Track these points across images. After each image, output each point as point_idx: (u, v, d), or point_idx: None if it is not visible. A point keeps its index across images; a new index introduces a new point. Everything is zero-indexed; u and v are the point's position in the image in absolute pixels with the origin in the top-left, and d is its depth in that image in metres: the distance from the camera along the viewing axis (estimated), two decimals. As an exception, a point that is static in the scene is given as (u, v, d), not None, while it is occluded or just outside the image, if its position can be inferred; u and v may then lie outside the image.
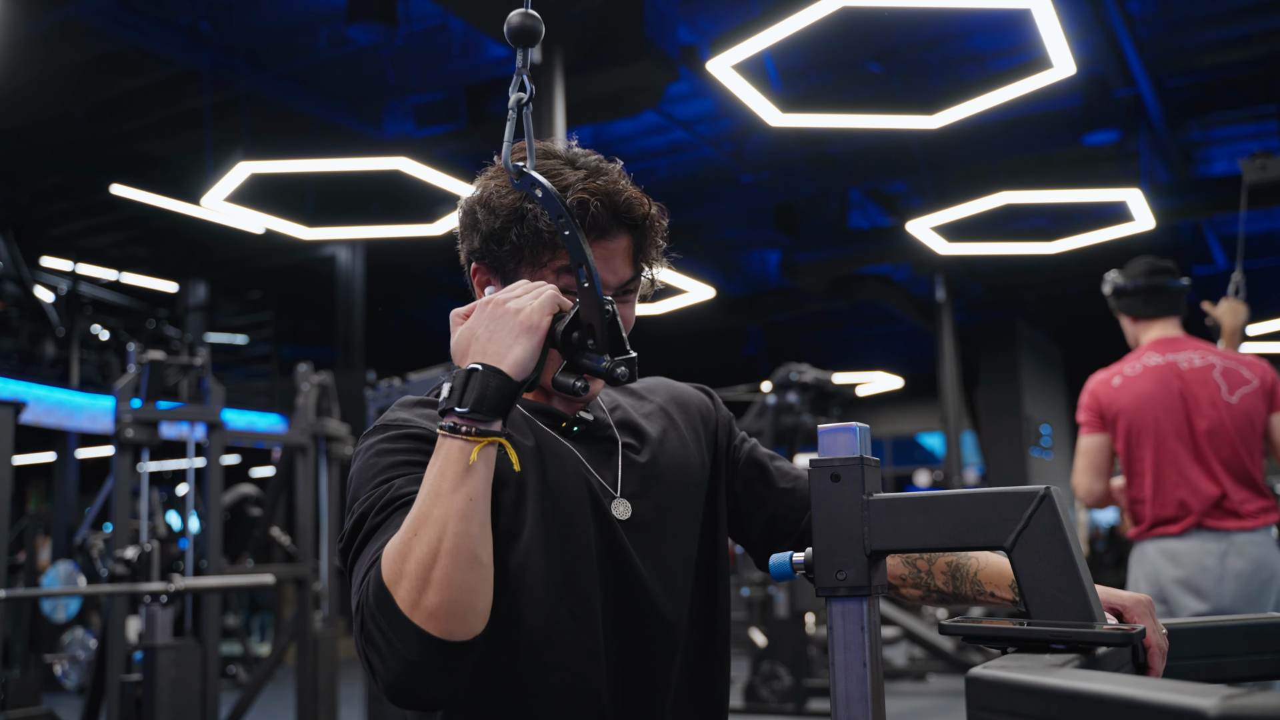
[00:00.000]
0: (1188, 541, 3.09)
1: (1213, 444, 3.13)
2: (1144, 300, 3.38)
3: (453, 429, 1.05)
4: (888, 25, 7.40)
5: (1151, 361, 3.29)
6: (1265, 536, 3.09)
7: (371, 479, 1.17)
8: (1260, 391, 3.16)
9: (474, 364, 1.07)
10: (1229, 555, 3.05)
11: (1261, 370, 3.20)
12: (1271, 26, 7.75)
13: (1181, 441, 3.17)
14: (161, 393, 4.74)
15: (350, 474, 1.22)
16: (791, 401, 6.68)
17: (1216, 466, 3.11)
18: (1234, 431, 3.12)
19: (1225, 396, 3.15)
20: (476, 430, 1.04)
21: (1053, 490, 0.91)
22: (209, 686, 4.36)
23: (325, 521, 5.46)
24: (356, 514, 1.15)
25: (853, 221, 11.55)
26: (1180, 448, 3.16)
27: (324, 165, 7.71)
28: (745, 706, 6.51)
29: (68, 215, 11.30)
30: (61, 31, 7.25)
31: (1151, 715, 0.63)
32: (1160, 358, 3.28)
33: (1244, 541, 3.06)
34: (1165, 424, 3.19)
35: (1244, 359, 3.24)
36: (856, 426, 0.96)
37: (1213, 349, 3.30)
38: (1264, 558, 3.06)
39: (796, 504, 1.36)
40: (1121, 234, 9.23)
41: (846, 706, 0.94)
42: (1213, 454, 3.12)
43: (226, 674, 8.49)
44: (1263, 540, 3.08)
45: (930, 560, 1.31)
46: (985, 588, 1.26)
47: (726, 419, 1.43)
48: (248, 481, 8.45)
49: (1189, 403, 3.18)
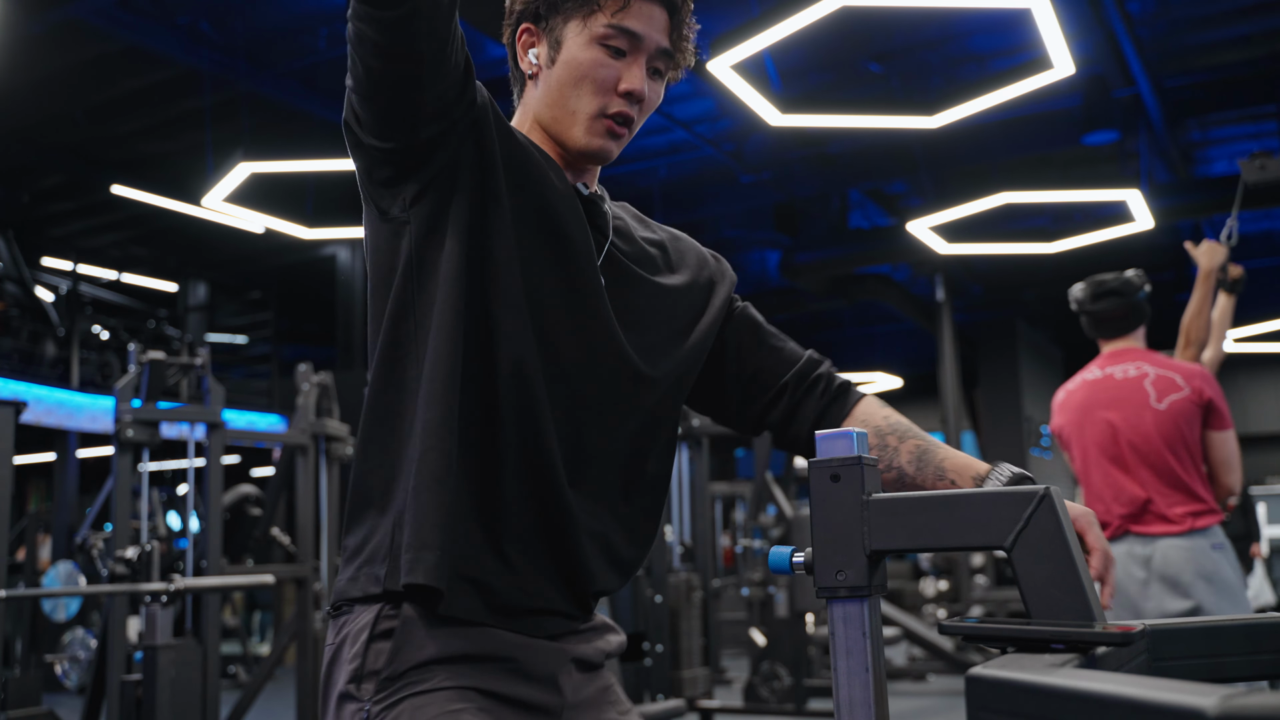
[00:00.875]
0: (1117, 548, 3.11)
1: (1139, 451, 3.16)
2: (1090, 323, 3.43)
3: None
4: (888, 25, 7.40)
5: (1091, 375, 3.37)
6: (1194, 540, 3.08)
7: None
8: (1192, 400, 3.16)
9: None
10: (1154, 560, 3.08)
11: (1200, 381, 3.19)
12: (1271, 26, 7.75)
13: (1106, 451, 3.23)
14: (161, 393, 4.74)
15: None
16: (791, 401, 6.67)
17: (1144, 473, 3.14)
18: (1160, 438, 3.15)
19: (1154, 404, 3.18)
20: None
21: (1052, 490, 0.91)
22: (209, 686, 4.36)
23: (325, 521, 5.46)
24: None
25: (853, 221, 11.55)
26: (1104, 457, 3.23)
27: (324, 165, 7.70)
28: (745, 706, 6.51)
29: (68, 215, 11.30)
30: (61, 31, 7.25)
31: (1151, 715, 0.63)
32: (1100, 371, 3.35)
33: (1168, 546, 3.07)
34: (1091, 434, 3.27)
35: (1182, 368, 3.24)
36: (854, 431, 0.97)
37: (1156, 360, 3.30)
38: (1189, 561, 3.05)
39: (781, 361, 1.42)
40: (1121, 234, 9.24)
41: (850, 711, 0.94)
42: (1139, 461, 3.15)
43: (226, 674, 8.50)
44: (1190, 544, 3.07)
45: (902, 438, 1.35)
46: (948, 474, 1.30)
47: (732, 278, 1.46)
48: (248, 481, 8.45)
49: (1118, 412, 3.23)
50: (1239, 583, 3.11)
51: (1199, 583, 3.05)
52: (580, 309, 1.25)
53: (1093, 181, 9.25)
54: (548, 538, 1.23)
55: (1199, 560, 3.06)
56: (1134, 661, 0.98)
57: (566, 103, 1.28)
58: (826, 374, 1.44)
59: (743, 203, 10.90)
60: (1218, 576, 3.06)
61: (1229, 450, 3.19)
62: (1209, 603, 3.02)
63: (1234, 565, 3.13)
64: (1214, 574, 3.06)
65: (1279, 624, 1.08)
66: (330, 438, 5.47)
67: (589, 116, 1.27)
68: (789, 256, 11.14)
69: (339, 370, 9.24)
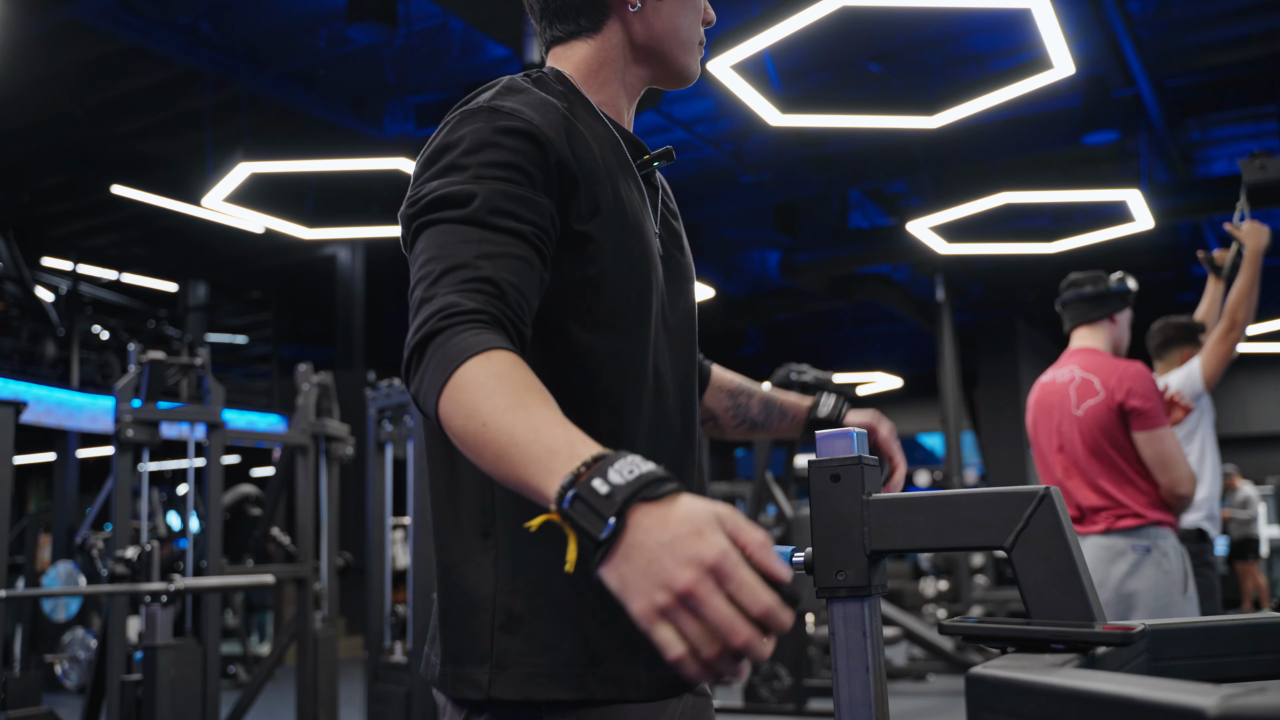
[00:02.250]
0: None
1: (1067, 456, 3.20)
2: (1063, 317, 3.45)
3: (571, 496, 0.85)
4: (888, 25, 7.40)
5: (1044, 379, 3.38)
6: (1105, 539, 3.07)
7: (475, 153, 1.11)
8: (1107, 405, 3.11)
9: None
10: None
11: (1115, 382, 3.12)
12: (1271, 26, 7.75)
13: (1043, 455, 3.30)
14: (161, 393, 4.74)
15: (437, 140, 1.16)
16: (791, 401, 6.67)
17: (1075, 476, 3.17)
18: (1081, 443, 3.15)
19: (1074, 410, 3.18)
20: (582, 516, 0.84)
21: (1052, 490, 0.91)
22: (209, 686, 4.36)
23: (325, 521, 5.46)
24: (447, 188, 1.10)
25: (853, 221, 11.55)
26: (1043, 461, 3.31)
27: (324, 165, 7.71)
28: (745, 706, 6.51)
29: (68, 215, 11.30)
30: (61, 31, 7.25)
31: (1151, 715, 0.63)
32: (1050, 374, 3.36)
33: (1085, 546, 3.11)
34: (1037, 439, 3.33)
35: (1106, 371, 3.17)
36: (854, 431, 0.97)
37: (1090, 362, 3.24)
38: (1096, 560, 3.04)
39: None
40: (1121, 234, 9.24)
41: (850, 711, 0.94)
42: (1070, 464, 3.19)
43: (226, 674, 8.50)
44: (1097, 543, 3.07)
45: (750, 395, 1.53)
46: (787, 411, 1.53)
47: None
48: (248, 481, 8.45)
49: (1050, 417, 3.27)
50: (1162, 589, 3.01)
51: (1107, 586, 3.03)
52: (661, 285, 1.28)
53: (1093, 181, 9.25)
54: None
55: (1103, 562, 3.04)
56: (1134, 661, 0.98)
57: (679, 32, 1.32)
58: None
59: (743, 203, 10.89)
60: (1119, 580, 3.02)
61: (1157, 449, 3.06)
62: (1111, 609, 3.01)
63: (1165, 570, 3.02)
64: (1119, 577, 3.03)
65: (1279, 624, 1.08)
66: (330, 438, 5.47)
67: (697, 42, 1.35)
68: (789, 256, 11.14)
69: (339, 370, 9.23)
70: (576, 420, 0.95)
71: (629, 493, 0.82)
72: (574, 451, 0.87)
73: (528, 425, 0.91)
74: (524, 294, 1.05)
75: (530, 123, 1.13)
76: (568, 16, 1.28)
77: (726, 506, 0.84)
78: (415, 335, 1.00)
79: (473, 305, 1.00)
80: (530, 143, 1.12)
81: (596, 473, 0.84)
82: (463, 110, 1.17)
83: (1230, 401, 15.59)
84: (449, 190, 1.09)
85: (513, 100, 1.16)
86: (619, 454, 0.86)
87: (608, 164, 1.20)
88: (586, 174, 1.16)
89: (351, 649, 9.97)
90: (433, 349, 0.98)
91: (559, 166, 1.14)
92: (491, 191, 1.08)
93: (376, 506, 5.44)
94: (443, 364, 0.96)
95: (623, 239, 1.18)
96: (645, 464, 0.85)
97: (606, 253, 1.17)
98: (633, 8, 1.27)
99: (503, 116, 1.13)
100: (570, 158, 1.15)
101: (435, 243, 1.07)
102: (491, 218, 1.07)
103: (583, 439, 0.90)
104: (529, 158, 1.12)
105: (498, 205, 1.08)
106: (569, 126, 1.17)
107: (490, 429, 0.92)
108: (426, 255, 1.06)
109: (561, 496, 0.85)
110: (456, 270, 1.03)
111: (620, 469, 0.84)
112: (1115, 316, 3.33)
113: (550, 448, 0.88)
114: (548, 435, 0.90)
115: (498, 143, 1.11)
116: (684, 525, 0.81)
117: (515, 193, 1.09)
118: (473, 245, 1.05)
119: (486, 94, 1.18)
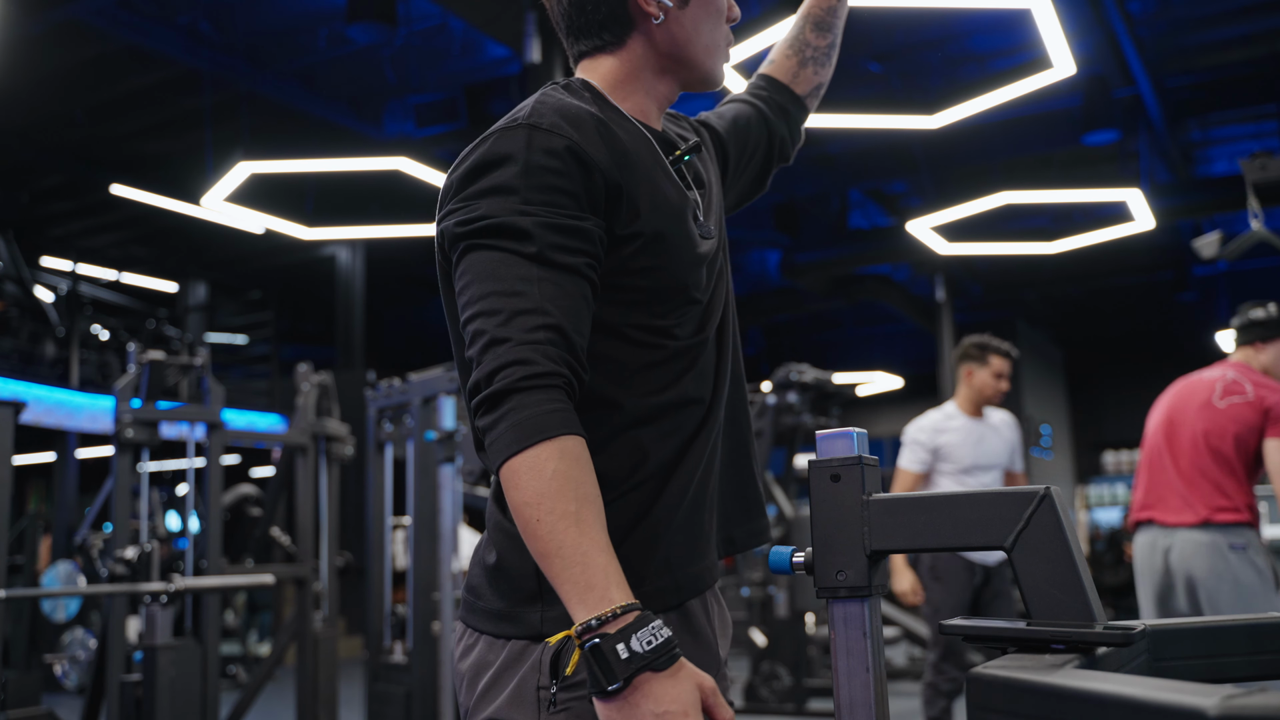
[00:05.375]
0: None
1: (1185, 442, 3.51)
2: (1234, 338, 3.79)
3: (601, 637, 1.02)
4: (888, 25, 7.40)
5: (1192, 375, 3.67)
6: (1203, 534, 3.39)
7: (523, 176, 1.14)
8: (1253, 405, 3.44)
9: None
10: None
11: (1266, 391, 3.39)
12: (1271, 26, 7.75)
13: (1159, 439, 3.64)
14: (161, 393, 4.74)
15: (477, 157, 1.18)
16: (791, 401, 6.68)
17: (1185, 462, 3.51)
18: (1206, 432, 3.48)
19: (1215, 400, 3.49)
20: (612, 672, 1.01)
21: (1052, 490, 0.91)
22: (209, 686, 4.36)
23: (325, 521, 5.46)
24: (502, 215, 1.13)
25: (853, 221, 11.55)
26: (1155, 445, 3.63)
27: (324, 165, 7.71)
28: (745, 706, 6.51)
29: (68, 215, 11.30)
30: (61, 31, 7.25)
31: (1151, 715, 0.63)
32: (1199, 372, 3.64)
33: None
34: (1159, 424, 3.64)
35: (1259, 379, 3.46)
36: (854, 432, 0.96)
37: (1247, 371, 3.53)
38: (1194, 552, 3.42)
39: (779, 112, 1.61)
40: (1121, 234, 9.24)
41: (850, 711, 0.94)
42: (1187, 450, 3.50)
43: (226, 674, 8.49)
44: (1193, 538, 3.42)
45: (804, 32, 1.64)
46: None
47: (704, 128, 1.53)
48: (248, 481, 8.45)
49: (1185, 403, 3.57)
50: (1256, 587, 3.20)
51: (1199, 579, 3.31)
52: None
53: (1093, 181, 9.25)
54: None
55: (1210, 554, 3.28)
56: (1134, 662, 0.98)
57: (703, 39, 1.33)
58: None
59: (743, 203, 10.89)
60: (1217, 575, 3.19)
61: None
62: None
63: (1259, 568, 3.24)
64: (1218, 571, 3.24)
65: (1279, 624, 1.08)
66: (330, 438, 5.47)
67: (724, 45, 1.37)
68: (789, 256, 11.14)
69: (339, 370, 9.24)
70: (623, 413, 1.18)
71: (642, 664, 1.00)
72: (607, 595, 1.03)
73: (575, 545, 1.04)
74: (584, 335, 1.14)
75: (570, 139, 1.16)
76: (591, 32, 1.30)
77: (710, 682, 1.04)
78: (494, 382, 1.09)
79: (548, 368, 1.09)
80: (574, 160, 1.15)
81: (621, 635, 1.01)
82: (501, 127, 1.19)
83: (1230, 401, 15.57)
84: (505, 219, 1.13)
85: (551, 115, 1.18)
86: (643, 617, 1.03)
87: (644, 162, 1.23)
88: (627, 179, 1.20)
89: (351, 649, 9.97)
90: (509, 406, 1.08)
91: (603, 179, 1.17)
92: (547, 224, 1.13)
93: (376, 506, 5.44)
94: (518, 432, 1.07)
95: (665, 232, 1.22)
96: (662, 632, 1.02)
97: (649, 249, 1.20)
98: (655, 19, 1.29)
99: (543, 134, 1.16)
100: (612, 167, 1.18)
101: (496, 273, 1.12)
102: (551, 253, 1.12)
103: (618, 581, 1.04)
104: (574, 178, 1.15)
105: (554, 240, 1.13)
106: (605, 132, 1.20)
107: (544, 526, 1.05)
108: (489, 287, 1.12)
109: (585, 634, 1.02)
110: (527, 315, 1.10)
111: (642, 638, 1.01)
112: (1274, 340, 3.57)
113: (588, 581, 1.03)
114: (591, 565, 1.04)
115: (543, 164, 1.14)
116: (676, 704, 1.00)
117: (568, 224, 1.14)
118: (534, 284, 1.11)
119: (524, 110, 1.20)
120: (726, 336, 1.33)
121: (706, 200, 1.35)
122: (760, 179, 1.58)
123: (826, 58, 1.63)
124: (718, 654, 1.31)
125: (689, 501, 1.24)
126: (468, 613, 1.27)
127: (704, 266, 1.27)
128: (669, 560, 1.23)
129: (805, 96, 1.63)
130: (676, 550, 1.23)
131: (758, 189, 1.59)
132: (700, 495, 1.26)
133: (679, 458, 1.23)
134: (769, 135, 1.57)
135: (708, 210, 1.34)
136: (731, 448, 1.35)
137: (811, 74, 1.63)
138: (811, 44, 1.62)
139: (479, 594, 1.25)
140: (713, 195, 1.38)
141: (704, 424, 1.26)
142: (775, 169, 1.62)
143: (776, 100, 1.60)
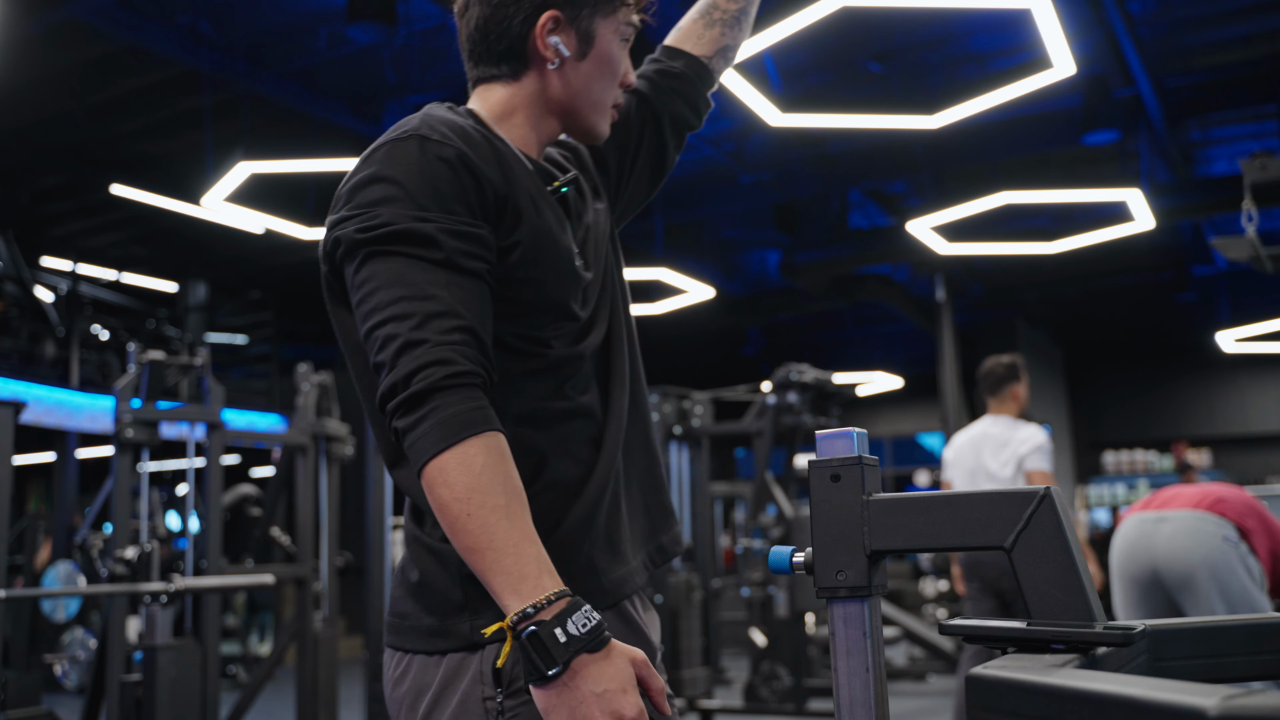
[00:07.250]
0: None
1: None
2: None
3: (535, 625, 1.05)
4: (888, 25, 7.39)
5: None
6: (1197, 516, 3.40)
7: (417, 183, 1.17)
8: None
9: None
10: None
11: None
12: (1271, 26, 7.75)
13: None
14: (161, 393, 4.74)
15: (370, 170, 1.21)
16: (791, 401, 6.68)
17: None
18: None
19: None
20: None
21: (1052, 490, 0.91)
22: (209, 686, 4.36)
23: (325, 521, 5.46)
24: (402, 221, 1.16)
25: (853, 221, 11.54)
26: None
27: (324, 165, 7.70)
28: (745, 706, 6.51)
29: (68, 215, 11.29)
30: (61, 31, 7.24)
31: (1151, 715, 0.63)
32: None
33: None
34: None
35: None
36: (854, 432, 0.96)
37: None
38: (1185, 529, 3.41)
39: (665, 90, 1.56)
40: (1121, 234, 9.23)
41: (850, 711, 0.94)
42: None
43: (226, 674, 8.50)
44: (1190, 516, 3.42)
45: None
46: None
47: (599, 154, 1.52)
48: (248, 481, 8.45)
49: None
50: (1249, 586, 3.17)
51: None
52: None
53: (1093, 181, 9.24)
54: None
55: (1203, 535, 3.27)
56: (1134, 662, 0.98)
57: (592, 94, 1.36)
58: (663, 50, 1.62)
59: (743, 203, 10.89)
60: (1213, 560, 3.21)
61: None
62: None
63: (1250, 568, 3.21)
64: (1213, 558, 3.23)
65: (1279, 624, 1.08)
66: (330, 438, 5.47)
67: (609, 106, 1.39)
68: (789, 256, 11.13)
69: (339, 370, 9.22)
70: (519, 407, 1.23)
71: (579, 646, 1.04)
72: (540, 584, 1.06)
73: (507, 536, 1.06)
74: (490, 338, 1.18)
75: (460, 149, 1.20)
76: (491, 61, 1.36)
77: (640, 654, 1.08)
78: (413, 384, 1.10)
79: (467, 367, 1.12)
80: (465, 170, 1.20)
81: (557, 620, 1.04)
82: (392, 139, 1.22)
83: (1230, 401, 15.59)
84: (409, 226, 1.16)
85: (440, 128, 1.22)
86: (575, 602, 1.06)
87: (525, 185, 1.28)
88: (512, 190, 1.24)
89: (351, 649, 9.97)
90: (433, 405, 1.10)
91: (492, 189, 1.22)
92: (449, 230, 1.16)
93: (376, 506, 5.44)
94: (444, 430, 1.09)
95: (542, 247, 1.26)
96: (593, 615, 1.06)
97: (529, 260, 1.24)
98: (551, 65, 1.33)
99: (434, 144, 1.20)
100: (500, 180, 1.23)
101: (405, 279, 1.15)
102: (457, 258, 1.16)
103: (549, 570, 1.07)
104: (466, 187, 1.19)
105: (458, 246, 1.16)
106: (491, 148, 1.25)
107: (475, 520, 1.07)
108: (399, 292, 1.14)
109: (520, 623, 1.04)
110: (441, 318, 1.13)
111: (577, 621, 1.04)
112: None
113: (520, 572, 1.06)
114: (523, 556, 1.06)
115: (437, 173, 1.18)
116: (614, 682, 1.04)
117: (468, 230, 1.18)
118: (444, 288, 1.15)
119: (412, 123, 1.24)
120: (617, 354, 1.37)
121: (585, 234, 1.38)
122: (659, 162, 1.58)
123: (737, 21, 1.64)
124: (652, 642, 1.38)
125: (605, 510, 1.28)
126: (395, 636, 1.27)
127: (584, 288, 1.31)
128: (593, 564, 1.26)
129: (710, 58, 1.62)
130: (600, 555, 1.27)
131: (661, 169, 1.60)
132: (615, 506, 1.30)
133: (586, 472, 1.27)
134: (655, 118, 1.55)
135: (585, 244, 1.37)
136: (645, 466, 1.40)
137: (718, 35, 1.63)
138: (721, 6, 1.62)
139: (405, 614, 1.26)
140: (595, 226, 1.41)
141: (604, 436, 1.30)
142: (682, 141, 1.61)
143: (669, 72, 1.58)
